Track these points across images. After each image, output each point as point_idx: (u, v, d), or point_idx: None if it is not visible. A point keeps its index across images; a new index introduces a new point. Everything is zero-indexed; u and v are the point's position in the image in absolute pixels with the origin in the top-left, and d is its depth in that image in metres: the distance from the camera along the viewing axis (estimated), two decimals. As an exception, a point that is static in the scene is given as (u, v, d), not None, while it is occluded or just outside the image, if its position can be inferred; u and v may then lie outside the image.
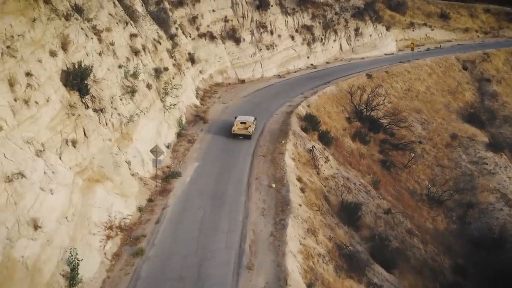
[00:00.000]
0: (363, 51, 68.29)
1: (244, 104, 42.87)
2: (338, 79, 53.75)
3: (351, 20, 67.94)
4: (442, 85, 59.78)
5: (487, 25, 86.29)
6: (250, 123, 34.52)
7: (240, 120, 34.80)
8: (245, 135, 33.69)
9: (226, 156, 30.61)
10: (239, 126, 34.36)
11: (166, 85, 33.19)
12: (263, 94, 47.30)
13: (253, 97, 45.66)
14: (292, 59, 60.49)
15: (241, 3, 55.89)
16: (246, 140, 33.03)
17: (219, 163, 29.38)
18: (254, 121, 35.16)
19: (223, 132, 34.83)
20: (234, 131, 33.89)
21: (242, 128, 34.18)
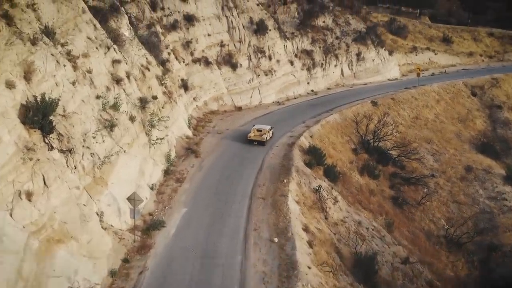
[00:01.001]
0: (366, 76, 64.99)
1: (241, 135, 38.94)
2: (341, 107, 50.13)
3: (352, 45, 64.86)
4: (452, 113, 56.27)
5: (491, 49, 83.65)
6: (265, 131, 37.52)
7: (256, 128, 38.17)
8: (259, 141, 36.65)
9: (219, 199, 26.43)
10: (255, 133, 37.39)
11: (152, 116, 29.30)
12: (262, 123, 43.38)
13: (251, 126, 41.70)
14: (292, 85, 57.01)
15: (238, 27, 52.66)
16: (242, 180, 28.93)
17: (211, 208, 25.18)
18: (270, 130, 38.28)
19: (217, 169, 30.76)
20: (250, 137, 36.94)
21: (257, 135, 37.10)
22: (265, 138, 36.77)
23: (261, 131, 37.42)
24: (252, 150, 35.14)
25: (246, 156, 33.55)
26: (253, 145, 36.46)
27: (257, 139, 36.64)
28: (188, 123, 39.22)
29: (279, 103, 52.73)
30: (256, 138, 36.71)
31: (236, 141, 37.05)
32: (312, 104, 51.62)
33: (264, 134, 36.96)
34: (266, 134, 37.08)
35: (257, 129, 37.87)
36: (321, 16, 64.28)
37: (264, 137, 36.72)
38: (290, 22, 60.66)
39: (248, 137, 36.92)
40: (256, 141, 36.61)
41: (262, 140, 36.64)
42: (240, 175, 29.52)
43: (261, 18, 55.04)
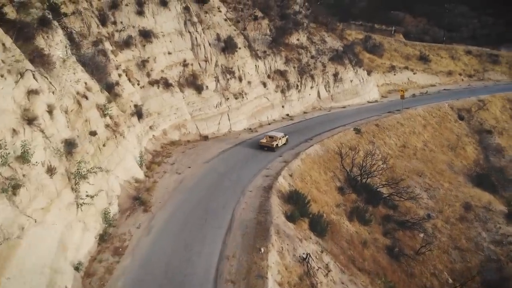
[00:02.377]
0: (344, 98, 59.16)
1: (206, 175, 31.73)
2: (321, 135, 43.70)
3: (329, 64, 59.02)
4: (440, 139, 50.88)
5: (470, 67, 79.88)
6: (277, 138, 39.19)
7: (269, 135, 39.97)
8: (269, 147, 38.36)
9: (172, 284, 19.00)
10: (267, 139, 39.25)
11: (80, 165, 21.70)
12: (232, 157, 36.37)
13: (218, 163, 34.60)
14: (265, 109, 50.37)
15: (204, 45, 45.76)
16: (205, 249, 21.49)
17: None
18: (282, 137, 39.97)
19: (171, 231, 23.10)
20: (261, 143, 38.81)
21: (268, 141, 38.89)
22: (274, 144, 38.50)
23: (273, 137, 39.34)
24: (220, 196, 27.95)
25: (212, 207, 26.26)
26: (222, 187, 29.40)
27: (268, 145, 38.49)
28: (139, 161, 31.64)
29: (252, 130, 45.89)
30: (267, 144, 38.56)
31: (199, 184, 29.74)
32: (288, 132, 44.95)
33: (275, 141, 38.82)
34: (277, 141, 38.94)
35: (270, 135, 39.78)
36: (295, 33, 58.31)
37: (274, 144, 38.50)
38: (262, 39, 54.32)
39: (260, 143, 39.03)
40: (266, 146, 38.46)
41: (271, 146, 38.36)
42: (202, 240, 22.10)
43: (229, 35, 48.39)
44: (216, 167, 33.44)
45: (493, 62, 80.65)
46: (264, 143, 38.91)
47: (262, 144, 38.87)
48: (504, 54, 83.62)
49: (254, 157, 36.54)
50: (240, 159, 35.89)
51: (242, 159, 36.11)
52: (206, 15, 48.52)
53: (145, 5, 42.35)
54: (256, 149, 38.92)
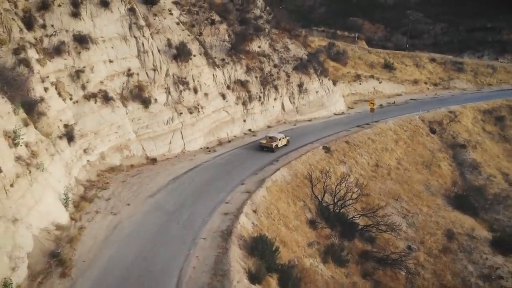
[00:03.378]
0: (310, 110, 54.17)
1: (149, 215, 25.38)
2: (288, 155, 38.32)
3: (293, 74, 53.88)
4: (414, 156, 46.73)
5: (435, 75, 77.16)
6: (277, 139, 39.49)
7: (269, 136, 40.48)
8: (268, 147, 38.78)
9: None
10: (267, 140, 39.74)
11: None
12: (184, 187, 30.20)
13: (166, 196, 28.30)
14: (225, 124, 44.48)
15: (152, 51, 39.42)
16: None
17: None
18: (283, 138, 40.42)
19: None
20: (261, 144, 39.35)
21: (268, 141, 39.28)
22: (274, 145, 38.99)
23: (273, 138, 39.84)
24: (164, 248, 21.75)
25: (152, 269, 20.00)
26: (168, 234, 23.22)
27: (267, 146, 39.03)
28: (65, 199, 24.91)
29: (209, 149, 39.90)
30: (266, 145, 39.13)
31: (138, 231, 23.35)
32: (251, 151, 39.37)
33: (275, 142, 39.32)
34: (277, 142, 39.44)
35: (270, 136, 40.41)
36: (256, 39, 52.83)
37: (273, 144, 39.00)
38: (220, 46, 48.47)
39: (260, 144, 39.71)
40: (266, 147, 39.01)
41: (271, 147, 38.88)
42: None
43: (182, 41, 42.22)
44: (163, 203, 27.18)
45: (458, 70, 78.38)
46: (264, 144, 39.43)
47: (262, 145, 39.48)
48: (468, 61, 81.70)
49: (211, 186, 30.57)
50: (194, 190, 29.82)
51: (197, 189, 30.07)
52: (155, 18, 42.18)
53: (81, 6, 35.62)
54: (212, 173, 33.05)
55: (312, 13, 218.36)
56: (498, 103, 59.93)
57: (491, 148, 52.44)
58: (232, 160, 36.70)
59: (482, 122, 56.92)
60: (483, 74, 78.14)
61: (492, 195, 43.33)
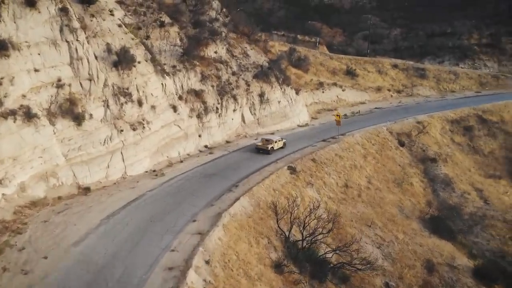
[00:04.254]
0: (272, 122, 49.20)
1: (70, 271, 19.44)
2: (249, 178, 33.08)
3: (253, 83, 48.71)
4: (384, 173, 42.68)
5: (398, 82, 74.27)
6: (272, 141, 40.27)
7: (265, 138, 41.24)
8: (264, 150, 39.57)
9: None
10: (263, 142, 40.45)
11: None
12: (118, 228, 24.16)
13: (95, 244, 22.20)
14: (176, 141, 38.64)
15: (88, 58, 33.11)
16: None
17: None
18: (279, 141, 41.21)
19: None
20: (258, 146, 40.29)
21: (265, 144, 40.01)
22: (269, 147, 39.41)
23: (269, 141, 40.23)
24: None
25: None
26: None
27: (263, 148, 39.47)
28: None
29: (156, 173, 34.01)
30: (262, 147, 39.56)
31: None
32: (206, 175, 33.80)
33: (270, 144, 39.71)
34: (272, 144, 39.87)
35: (266, 139, 40.78)
36: (212, 44, 47.30)
37: (269, 147, 39.40)
38: (171, 51, 42.62)
39: (256, 146, 40.33)
40: (262, 149, 39.46)
41: (266, 149, 39.27)
42: None
43: (124, 45, 36.07)
44: (90, 253, 21.16)
45: (421, 77, 75.89)
46: (260, 146, 39.91)
47: (258, 147, 39.95)
48: (431, 68, 79.50)
49: (154, 226, 24.80)
50: (132, 232, 23.96)
51: (136, 230, 24.22)
52: (92, 19, 35.80)
53: (2, 6, 29.09)
54: (160, 207, 27.29)
55: (271, 16, 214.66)
56: (465, 112, 57.37)
57: (462, 161, 49.47)
58: (184, 187, 30.99)
59: (451, 133, 53.99)
60: (445, 80, 76.11)
61: (468, 214, 39.90)
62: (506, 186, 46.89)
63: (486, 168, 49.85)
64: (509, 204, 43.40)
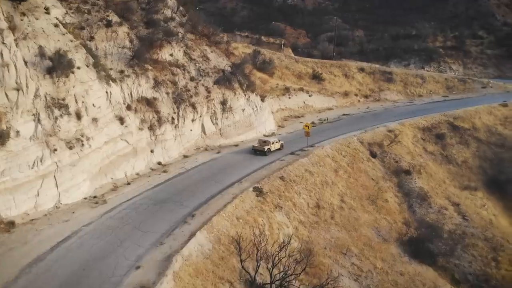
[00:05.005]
0: (236, 133, 44.57)
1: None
2: (208, 203, 28.29)
3: (214, 89, 43.90)
4: (357, 188, 38.90)
5: (365, 87, 71.21)
6: (269, 143, 39.83)
7: (262, 140, 40.87)
8: (261, 151, 39.11)
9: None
10: (260, 143, 40.03)
11: None
12: (43, 280, 19.06)
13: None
14: (123, 159, 33.31)
15: (15, 64, 27.36)
16: None
17: None
18: (276, 142, 40.81)
19: None
20: (254, 147, 39.73)
21: (262, 145, 39.55)
22: (266, 149, 39.12)
23: (266, 142, 40.01)
24: None
25: None
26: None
27: (259, 149, 39.20)
28: None
29: (97, 200, 28.62)
30: (258, 148, 39.33)
31: None
32: (158, 200, 28.71)
33: (267, 145, 39.42)
34: (269, 145, 39.57)
35: (263, 140, 40.60)
36: (167, 46, 42.21)
37: (265, 148, 39.14)
38: (118, 54, 37.28)
39: (253, 147, 39.97)
40: (258, 150, 39.21)
41: (263, 150, 39.00)
42: None
43: (60, 48, 30.44)
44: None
45: (388, 81, 73.17)
46: (257, 147, 39.60)
47: (255, 148, 39.65)
48: (398, 71, 76.99)
49: (87, 277, 19.63)
50: (59, 284, 18.75)
51: (64, 283, 19.00)
52: (23, 19, 30.04)
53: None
54: (97, 248, 22.09)
55: (235, 16, 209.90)
56: (436, 119, 54.70)
57: (436, 172, 46.49)
58: (128, 219, 25.83)
59: (423, 141, 51.06)
60: (412, 84, 73.73)
61: (447, 233, 36.67)
62: (483, 198, 44.26)
63: (460, 179, 47.13)
64: (488, 219, 40.68)
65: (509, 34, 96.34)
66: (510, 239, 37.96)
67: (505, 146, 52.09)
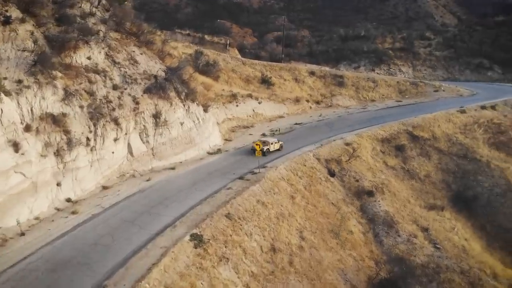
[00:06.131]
0: (173, 152, 36.69)
1: None
2: (127, 264, 20.50)
3: (145, 99, 35.73)
4: (317, 218, 32.41)
5: (317, 92, 65.44)
6: (268, 143, 39.04)
7: (262, 140, 39.64)
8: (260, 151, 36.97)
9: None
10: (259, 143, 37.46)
11: None
12: None
13: None
14: (17, 199, 24.53)
15: None
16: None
17: None
18: (276, 143, 39.92)
19: None
20: (253, 147, 37.49)
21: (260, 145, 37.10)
22: (265, 149, 37.97)
23: (265, 142, 38.79)
24: None
25: None
26: None
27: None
28: None
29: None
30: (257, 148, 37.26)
31: None
32: (57, 264, 20.46)
33: (266, 146, 38.40)
34: (268, 146, 38.72)
35: (262, 140, 39.12)
36: (83, 47, 33.52)
37: (264, 148, 37.79)
38: (17, 59, 28.48)
39: (252, 147, 38.24)
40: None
41: (262, 150, 37.17)
42: None
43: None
44: None
45: (339, 85, 67.85)
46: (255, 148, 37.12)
47: (254, 148, 37.40)
48: (349, 75, 71.95)
49: None
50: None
51: None
52: None
53: None
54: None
55: (178, 13, 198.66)
56: (395, 129, 49.71)
57: (399, 190, 41.21)
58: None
59: (383, 155, 45.73)
60: (364, 88, 68.93)
61: (420, 267, 31.17)
62: (451, 219, 39.50)
63: (425, 197, 42.20)
64: (460, 245, 35.77)
65: (456, 35, 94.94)
66: (486, 269, 33.07)
67: (468, 157, 47.93)
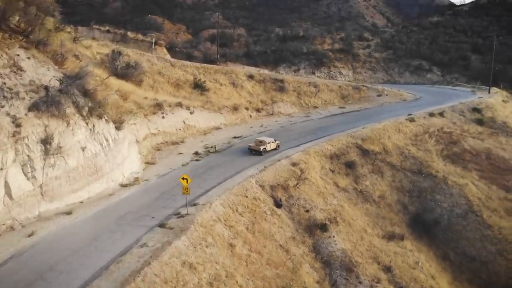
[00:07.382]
0: (70, 188, 27.26)
1: None
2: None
3: (30, 119, 26.01)
4: (263, 272, 24.90)
5: (256, 98, 58.17)
6: (265, 143, 38.28)
7: (258, 139, 39.11)
8: (256, 150, 37.72)
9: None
10: (256, 143, 38.50)
11: None
12: None
13: None
14: None
15: None
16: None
17: None
18: (271, 142, 39.01)
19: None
20: (250, 147, 38.29)
21: (258, 144, 38.05)
22: (262, 148, 37.74)
23: (262, 142, 38.43)
24: None
25: None
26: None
27: (255, 149, 37.82)
28: None
29: None
30: (254, 148, 37.93)
31: None
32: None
33: (263, 145, 37.99)
34: (265, 145, 38.16)
35: (259, 140, 38.86)
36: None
37: (261, 148, 37.72)
38: None
39: (249, 147, 38.51)
40: (254, 150, 37.88)
41: (259, 150, 37.60)
42: None
43: None
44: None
45: (280, 90, 61.11)
46: (253, 147, 38.07)
47: (251, 148, 38.10)
48: (290, 79, 65.43)
49: None
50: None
51: None
52: None
53: None
54: None
55: (106, 7, 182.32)
56: (343, 142, 43.53)
57: (354, 217, 34.91)
58: None
59: (332, 174, 39.29)
60: (306, 94, 62.81)
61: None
62: (414, 251, 33.90)
63: (382, 223, 36.34)
64: (428, 287, 30.01)
65: (393, 36, 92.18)
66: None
67: (422, 172, 42.91)
